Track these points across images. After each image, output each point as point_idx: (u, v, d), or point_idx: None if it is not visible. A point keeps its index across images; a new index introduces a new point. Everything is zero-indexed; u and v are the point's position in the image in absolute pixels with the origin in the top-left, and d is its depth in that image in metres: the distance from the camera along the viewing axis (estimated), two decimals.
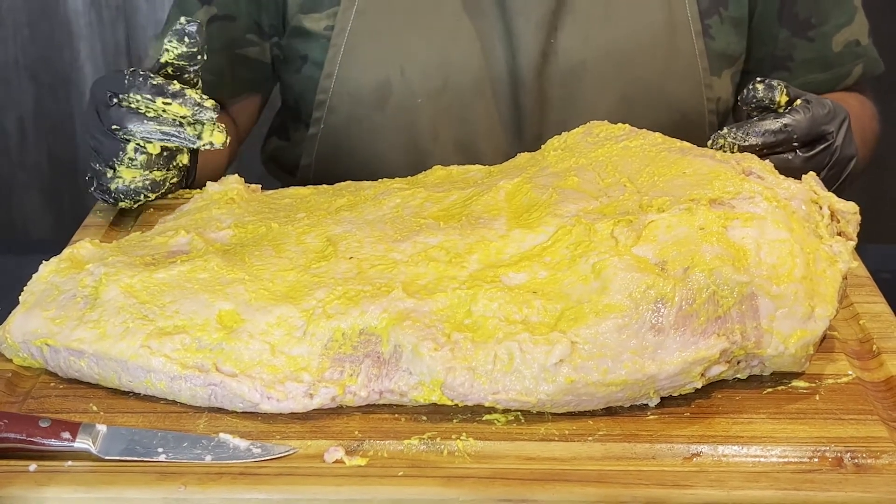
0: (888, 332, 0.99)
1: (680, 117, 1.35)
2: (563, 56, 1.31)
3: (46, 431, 0.83)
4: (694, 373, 0.87)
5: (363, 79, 1.33)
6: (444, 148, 1.35)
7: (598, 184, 1.02)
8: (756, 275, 0.88)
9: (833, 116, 1.14)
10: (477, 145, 1.35)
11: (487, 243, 0.96)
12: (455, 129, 1.34)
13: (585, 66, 1.32)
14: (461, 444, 0.85)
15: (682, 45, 1.33)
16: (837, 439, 0.85)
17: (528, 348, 0.86)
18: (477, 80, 1.32)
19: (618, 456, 0.84)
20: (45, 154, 2.43)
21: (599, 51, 1.32)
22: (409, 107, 1.33)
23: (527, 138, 1.35)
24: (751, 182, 0.96)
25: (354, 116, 1.35)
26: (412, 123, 1.34)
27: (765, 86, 1.14)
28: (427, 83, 1.32)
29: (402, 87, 1.32)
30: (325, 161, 1.40)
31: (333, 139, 1.38)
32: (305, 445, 0.85)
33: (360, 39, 1.32)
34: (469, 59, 1.32)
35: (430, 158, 1.34)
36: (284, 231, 1.02)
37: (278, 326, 0.89)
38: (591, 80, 1.33)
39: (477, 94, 1.33)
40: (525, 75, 1.32)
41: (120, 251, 1.01)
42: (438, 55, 1.32)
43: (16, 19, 2.32)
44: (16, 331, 0.93)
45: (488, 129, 1.35)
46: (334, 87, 1.34)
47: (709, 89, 1.35)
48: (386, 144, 1.35)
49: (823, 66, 1.39)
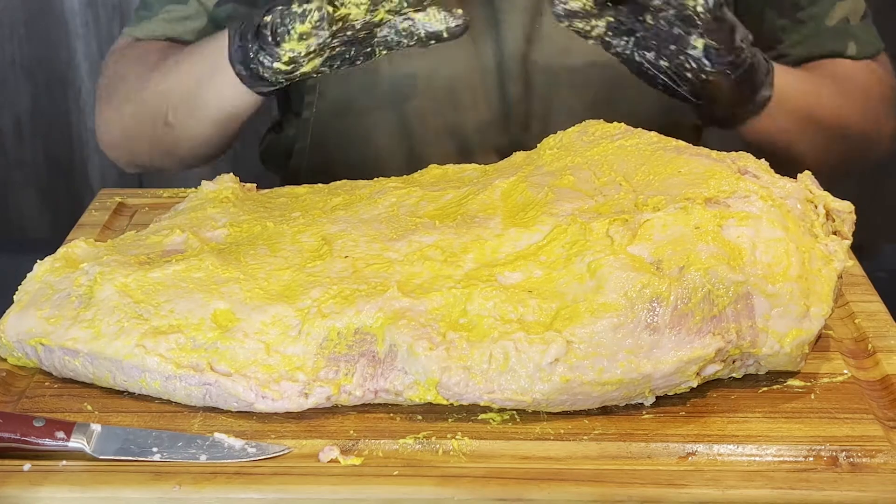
0: (883, 331, 0.99)
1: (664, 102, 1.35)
2: (548, 41, 1.32)
3: (41, 431, 0.83)
4: (689, 372, 0.87)
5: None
6: (434, 133, 1.35)
7: (593, 183, 1.02)
8: (751, 274, 0.88)
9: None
10: (465, 132, 1.36)
11: (483, 242, 0.95)
12: (444, 115, 1.35)
13: (569, 51, 1.32)
14: (456, 444, 0.85)
15: None
16: (833, 438, 0.85)
17: (524, 347, 0.86)
18: (465, 67, 1.33)
19: (613, 455, 0.84)
20: (41, 153, 2.43)
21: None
22: (398, 91, 1.33)
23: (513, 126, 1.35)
24: (746, 181, 0.96)
25: (345, 99, 1.36)
26: (402, 108, 1.34)
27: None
28: (416, 67, 1.33)
29: (391, 70, 1.33)
30: (318, 145, 1.40)
31: (326, 123, 1.38)
32: (300, 445, 0.85)
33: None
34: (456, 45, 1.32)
35: (420, 143, 1.35)
36: (279, 230, 1.02)
37: (273, 326, 0.89)
38: (574, 67, 1.33)
39: (465, 81, 1.34)
40: (511, 62, 1.32)
41: (115, 250, 1.00)
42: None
43: (12, 18, 2.32)
44: (10, 330, 0.93)
45: (476, 116, 1.35)
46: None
47: None
48: (377, 128, 1.36)
49: (817, 45, 1.39)
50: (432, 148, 1.35)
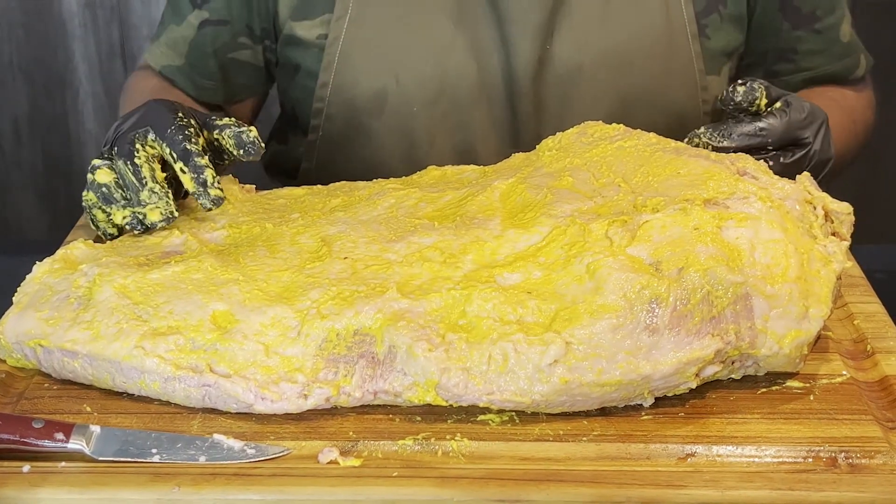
0: (882, 333, 0.99)
1: (675, 120, 1.35)
2: (559, 61, 1.31)
3: (40, 432, 0.83)
4: (688, 373, 0.87)
5: (359, 88, 1.33)
6: (442, 154, 1.35)
7: (592, 184, 1.02)
8: (750, 275, 0.88)
9: (811, 121, 1.15)
10: (474, 151, 1.35)
11: (482, 243, 0.95)
12: (452, 135, 1.34)
13: (582, 70, 1.31)
14: (455, 445, 0.85)
15: (678, 48, 1.33)
16: (832, 439, 0.85)
17: (523, 349, 0.86)
18: (473, 88, 1.32)
19: (612, 456, 0.84)
20: (39, 154, 2.43)
21: (596, 55, 1.32)
22: (405, 114, 1.33)
23: (524, 144, 1.35)
24: (745, 182, 0.96)
25: (352, 124, 1.35)
26: (409, 130, 1.34)
27: (746, 88, 1.14)
28: (423, 91, 1.32)
29: (397, 95, 1.32)
30: (324, 166, 1.40)
31: (332, 146, 1.38)
32: (300, 446, 0.85)
33: (354, 48, 1.32)
34: (464, 66, 1.32)
35: (428, 164, 1.34)
36: (279, 231, 1.02)
37: (272, 327, 0.89)
38: (587, 85, 1.32)
39: (473, 102, 1.33)
40: (521, 82, 1.32)
41: (114, 252, 1.00)
42: (433, 63, 1.32)
43: (10, 20, 2.32)
44: (9, 332, 0.93)
45: (485, 135, 1.35)
46: (330, 97, 1.34)
47: (704, 91, 1.36)
48: (384, 151, 1.35)
49: (833, 57, 1.40)
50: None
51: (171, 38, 1.39)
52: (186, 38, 1.37)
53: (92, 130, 2.41)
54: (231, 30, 1.38)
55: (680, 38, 1.33)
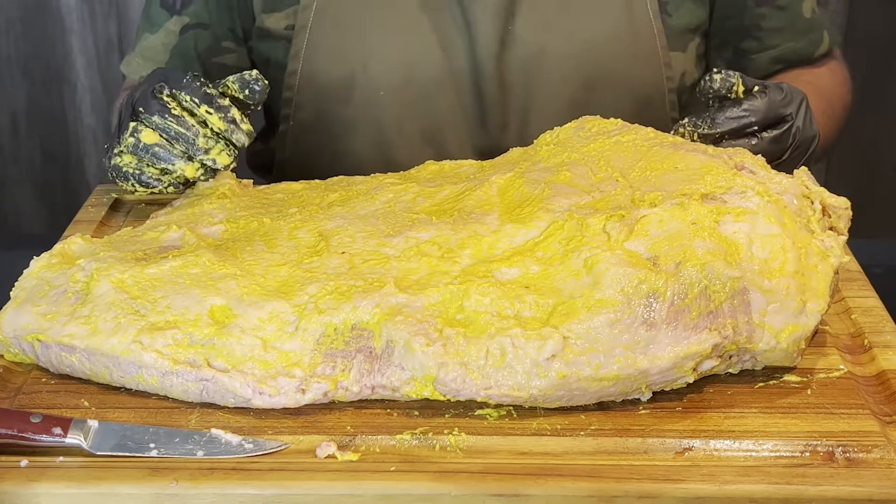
0: (880, 327, 0.99)
1: (641, 98, 1.35)
2: (522, 43, 1.32)
3: (38, 427, 0.83)
4: (686, 367, 0.87)
5: (327, 75, 1.34)
6: (411, 140, 1.35)
7: (590, 179, 1.02)
8: (748, 269, 0.88)
9: (790, 99, 1.16)
10: (443, 136, 1.36)
11: (479, 238, 0.95)
12: (420, 120, 1.35)
13: (545, 52, 1.32)
14: (453, 439, 0.85)
15: (640, 27, 1.34)
16: (829, 433, 0.85)
17: (520, 343, 0.86)
18: (439, 72, 1.33)
19: (610, 451, 0.84)
20: (37, 149, 2.43)
21: (559, 37, 1.32)
22: (373, 100, 1.34)
23: (491, 129, 1.35)
24: (743, 177, 0.96)
25: (321, 111, 1.36)
26: (378, 117, 1.35)
27: (722, 76, 1.15)
28: (390, 77, 1.33)
29: (365, 81, 1.33)
30: (298, 157, 1.40)
31: (304, 135, 1.38)
32: (297, 441, 0.85)
33: (321, 36, 1.33)
34: (430, 51, 1.32)
35: (398, 150, 1.35)
36: (276, 226, 1.02)
37: (270, 322, 0.89)
38: (551, 66, 1.33)
39: (440, 86, 1.33)
40: (484, 64, 1.32)
41: (111, 246, 1.00)
42: (400, 49, 1.32)
43: (8, 15, 2.31)
44: (7, 326, 0.93)
45: (452, 119, 1.35)
46: (299, 84, 1.35)
47: (668, 68, 1.36)
48: (354, 138, 1.36)
49: (797, 33, 1.41)
50: (410, 154, 1.35)
51: (145, 46, 1.39)
52: (167, 44, 1.37)
53: (90, 125, 2.40)
54: (213, 34, 1.38)
55: (641, 16, 1.33)
